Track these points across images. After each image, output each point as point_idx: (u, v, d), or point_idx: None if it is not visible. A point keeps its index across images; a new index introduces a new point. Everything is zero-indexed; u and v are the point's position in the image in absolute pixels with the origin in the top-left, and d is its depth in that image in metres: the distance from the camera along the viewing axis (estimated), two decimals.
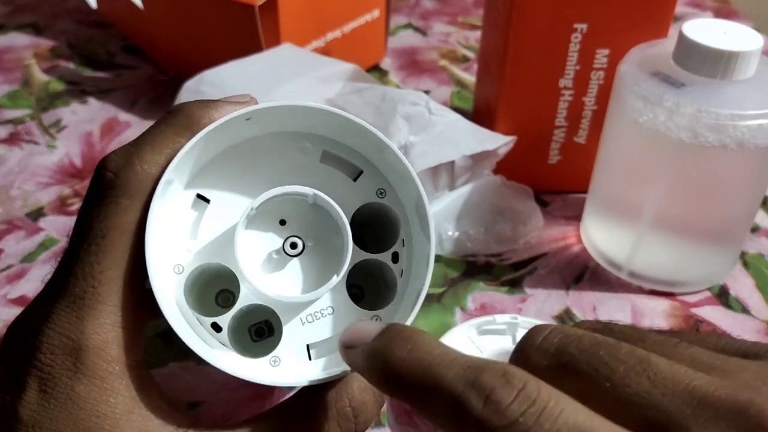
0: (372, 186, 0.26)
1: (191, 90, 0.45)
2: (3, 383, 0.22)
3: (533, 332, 0.20)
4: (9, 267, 0.42)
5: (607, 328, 0.21)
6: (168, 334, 0.23)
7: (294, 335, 0.25)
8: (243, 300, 0.24)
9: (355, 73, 0.47)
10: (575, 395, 0.17)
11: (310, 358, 0.25)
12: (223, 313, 0.24)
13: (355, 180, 0.26)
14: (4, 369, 0.23)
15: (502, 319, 0.35)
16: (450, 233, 0.43)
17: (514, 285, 0.42)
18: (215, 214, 0.24)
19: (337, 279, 0.24)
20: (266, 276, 0.25)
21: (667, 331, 0.22)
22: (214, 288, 0.25)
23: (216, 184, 0.25)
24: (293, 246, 0.24)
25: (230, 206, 0.25)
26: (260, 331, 0.25)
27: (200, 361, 0.23)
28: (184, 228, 0.24)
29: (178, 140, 0.23)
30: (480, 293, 0.41)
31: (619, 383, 0.17)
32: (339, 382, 0.24)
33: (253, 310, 0.25)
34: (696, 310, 0.40)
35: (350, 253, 0.24)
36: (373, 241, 0.26)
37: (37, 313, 0.23)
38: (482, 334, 0.35)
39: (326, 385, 0.24)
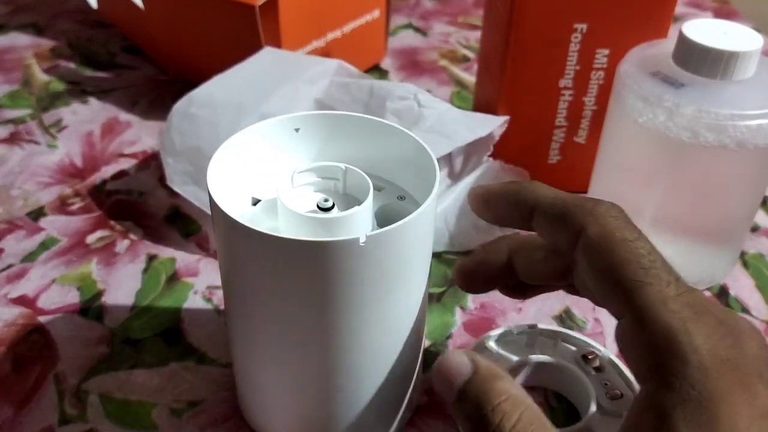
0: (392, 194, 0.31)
1: (181, 113, 0.44)
2: None
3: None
4: (9, 266, 0.42)
5: None
6: (167, 335, 0.23)
7: None
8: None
9: (339, 68, 0.46)
10: None
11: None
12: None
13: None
14: None
15: (519, 329, 0.36)
16: (454, 226, 0.43)
17: None
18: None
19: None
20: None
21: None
22: None
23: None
24: (326, 201, 0.29)
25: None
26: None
27: (200, 360, 0.23)
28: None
29: None
30: None
31: None
32: None
33: None
34: None
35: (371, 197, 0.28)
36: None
37: None
38: (501, 346, 0.35)
39: None
